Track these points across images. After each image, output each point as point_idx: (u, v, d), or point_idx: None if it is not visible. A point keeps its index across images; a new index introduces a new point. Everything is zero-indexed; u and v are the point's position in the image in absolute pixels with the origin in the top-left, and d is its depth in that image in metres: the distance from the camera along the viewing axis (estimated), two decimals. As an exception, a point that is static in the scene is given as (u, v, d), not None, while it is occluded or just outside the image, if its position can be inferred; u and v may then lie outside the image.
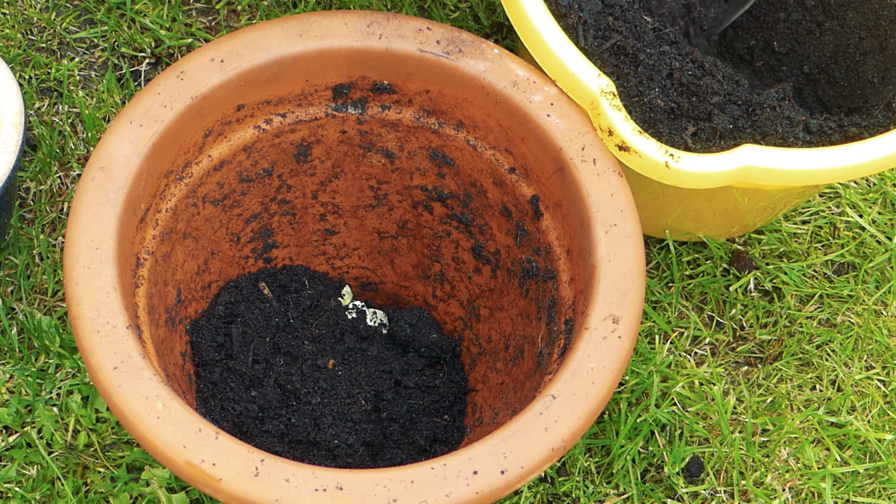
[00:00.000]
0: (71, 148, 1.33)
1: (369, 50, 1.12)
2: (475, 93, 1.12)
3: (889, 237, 1.39)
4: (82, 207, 1.02)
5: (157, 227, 1.09)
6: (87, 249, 1.00)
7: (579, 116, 1.10)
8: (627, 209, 1.07)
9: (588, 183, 1.08)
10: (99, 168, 1.03)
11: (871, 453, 1.27)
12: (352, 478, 0.92)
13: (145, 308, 1.05)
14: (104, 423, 1.20)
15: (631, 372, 1.26)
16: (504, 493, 0.95)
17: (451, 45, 1.13)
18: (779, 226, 1.38)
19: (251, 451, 0.93)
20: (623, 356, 1.01)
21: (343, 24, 1.12)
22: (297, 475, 0.92)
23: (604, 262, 1.04)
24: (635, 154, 1.09)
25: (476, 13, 1.46)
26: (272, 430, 1.12)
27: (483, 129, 1.15)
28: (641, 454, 1.23)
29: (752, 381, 1.30)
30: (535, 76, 1.12)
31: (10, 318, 1.24)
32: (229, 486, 0.92)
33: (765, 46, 1.38)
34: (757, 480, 1.24)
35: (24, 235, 1.28)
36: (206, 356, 1.15)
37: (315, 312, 1.21)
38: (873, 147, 1.14)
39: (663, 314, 1.32)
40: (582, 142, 1.09)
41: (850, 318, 1.34)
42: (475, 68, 1.12)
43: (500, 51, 1.13)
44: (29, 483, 1.16)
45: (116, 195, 1.03)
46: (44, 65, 1.39)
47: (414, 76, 1.14)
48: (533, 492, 1.20)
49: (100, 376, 0.95)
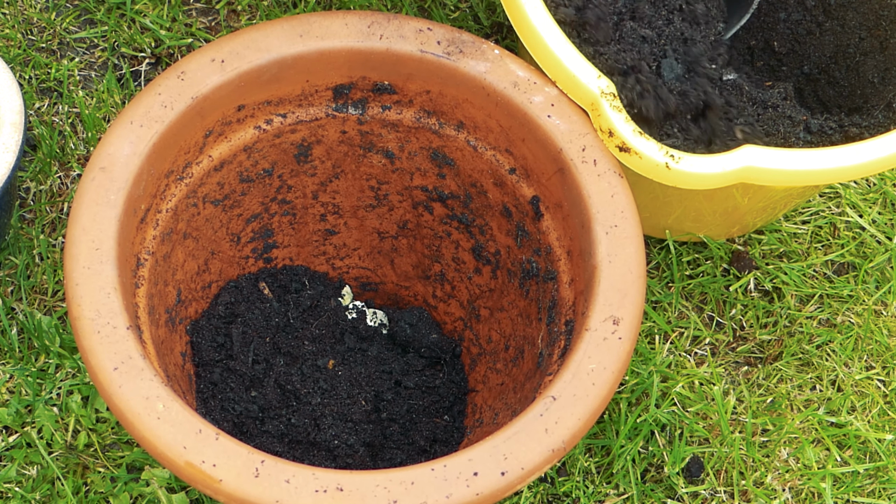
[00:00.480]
0: (71, 148, 1.33)
1: (370, 50, 1.12)
2: (476, 93, 1.12)
3: (889, 237, 1.39)
4: (83, 208, 1.02)
5: (157, 227, 1.09)
6: (87, 250, 1.00)
7: (580, 117, 1.10)
8: (628, 210, 1.07)
9: (589, 184, 1.08)
10: (99, 168, 1.03)
11: (871, 453, 1.27)
12: (352, 479, 0.92)
13: (146, 308, 1.05)
14: (104, 423, 1.20)
15: (631, 372, 1.26)
16: (504, 495, 0.95)
17: (451, 45, 1.13)
18: (779, 226, 1.38)
19: (251, 452, 0.93)
20: (623, 357, 1.01)
21: (344, 24, 1.12)
22: (298, 476, 0.92)
23: (604, 263, 1.04)
24: (636, 155, 1.09)
25: (476, 13, 1.46)
26: (272, 431, 1.12)
27: (483, 130, 1.15)
28: (641, 454, 1.23)
29: (752, 381, 1.30)
30: (535, 77, 1.12)
31: (10, 318, 1.24)
32: (229, 487, 0.92)
33: (765, 46, 1.38)
34: (757, 480, 1.24)
35: (24, 235, 1.28)
36: (206, 356, 1.15)
37: (315, 312, 1.21)
38: (874, 147, 1.14)
39: (663, 314, 1.32)
40: (582, 143, 1.09)
41: (850, 318, 1.34)
42: (476, 69, 1.12)
43: (501, 51, 1.13)
44: (29, 483, 1.16)
45: (117, 196, 1.03)
46: (44, 65, 1.39)
47: (414, 77, 1.14)
48: (533, 492, 1.20)
49: (100, 377, 0.95)
